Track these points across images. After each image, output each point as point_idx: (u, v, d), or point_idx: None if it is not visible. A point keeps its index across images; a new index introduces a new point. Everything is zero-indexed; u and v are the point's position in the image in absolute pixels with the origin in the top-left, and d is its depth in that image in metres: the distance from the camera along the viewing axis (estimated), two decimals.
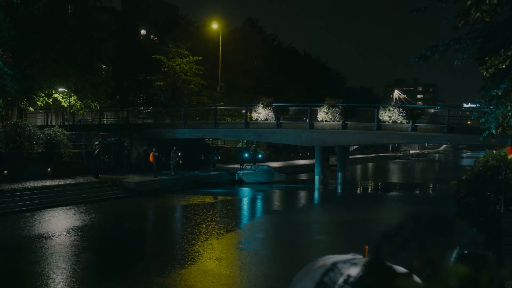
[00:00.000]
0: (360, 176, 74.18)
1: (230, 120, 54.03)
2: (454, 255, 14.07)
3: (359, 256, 4.34)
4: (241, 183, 48.06)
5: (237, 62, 69.08)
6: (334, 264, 4.01)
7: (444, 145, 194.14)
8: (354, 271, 3.77)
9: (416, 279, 2.55)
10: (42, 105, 44.10)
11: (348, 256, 4.32)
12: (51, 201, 31.11)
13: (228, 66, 64.06)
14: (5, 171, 33.60)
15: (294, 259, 18.85)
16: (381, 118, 42.86)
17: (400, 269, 2.96)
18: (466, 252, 14.70)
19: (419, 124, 42.76)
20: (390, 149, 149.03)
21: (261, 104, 46.43)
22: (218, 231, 24.70)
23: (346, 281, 3.57)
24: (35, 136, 36.24)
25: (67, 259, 18.21)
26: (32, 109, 45.98)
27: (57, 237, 22.15)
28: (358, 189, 53.48)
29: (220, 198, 39.88)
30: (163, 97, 56.00)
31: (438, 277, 2.27)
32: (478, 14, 6.79)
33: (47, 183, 34.08)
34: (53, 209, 29.71)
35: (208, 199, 37.90)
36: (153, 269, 17.38)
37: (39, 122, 57.67)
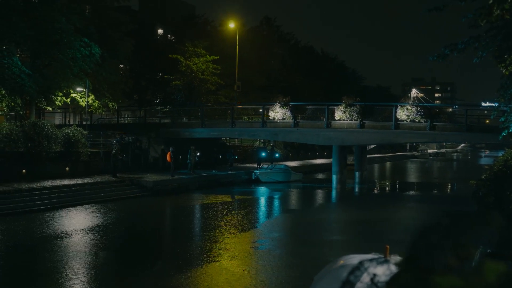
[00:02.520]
0: (378, 175, 73.87)
1: (247, 119, 54.01)
2: (477, 254, 13.94)
3: (380, 256, 4.30)
4: (258, 182, 48.03)
5: (254, 61, 69.09)
6: (361, 263, 3.97)
7: (462, 144, 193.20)
8: (380, 270, 3.73)
9: (453, 276, 2.52)
10: (60, 104, 44.32)
11: (370, 256, 4.27)
12: (69, 200, 31.27)
13: (245, 65, 64.08)
14: (24, 170, 33.81)
15: (311, 259, 18.79)
16: (399, 117, 42.67)
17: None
18: (489, 251, 14.58)
19: (437, 123, 42.50)
20: (407, 148, 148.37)
21: (278, 103, 46.38)
22: (235, 230, 24.69)
23: (372, 280, 3.54)
24: (54, 136, 36.44)
25: (85, 258, 18.27)
26: (50, 109, 46.23)
27: (75, 236, 22.24)
28: (376, 188, 53.24)
29: (237, 197, 39.84)
30: (180, 97, 56.09)
31: (475, 274, 2.24)
32: (498, 11, 6.74)
33: (65, 182, 34.24)
34: (71, 208, 29.86)
35: (225, 198, 37.88)
36: (171, 268, 17.39)
37: (57, 122, 57.98)
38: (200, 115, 51.06)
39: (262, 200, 39.46)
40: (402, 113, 42.55)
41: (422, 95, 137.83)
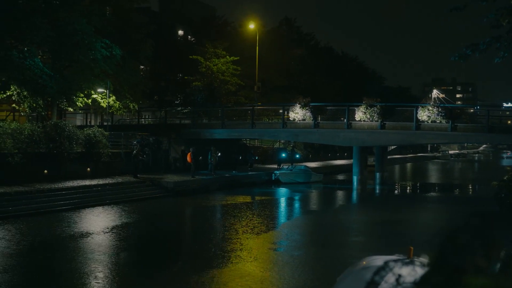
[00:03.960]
0: (399, 176, 73.57)
1: (267, 120, 53.99)
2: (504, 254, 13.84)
3: (405, 257, 4.26)
4: (278, 183, 48.00)
5: (274, 62, 69.03)
6: (386, 263, 3.94)
7: (484, 145, 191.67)
8: (405, 271, 3.71)
9: (484, 276, 2.50)
10: (82, 105, 44.53)
11: (394, 257, 4.25)
12: (90, 200, 31.45)
13: (265, 66, 64.07)
14: (46, 171, 34.03)
15: (332, 260, 18.71)
16: (420, 118, 42.44)
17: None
18: None
19: (458, 124, 42.25)
20: (428, 149, 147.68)
21: (299, 104, 46.30)
22: (255, 231, 24.67)
23: (397, 281, 3.52)
24: (75, 136, 36.64)
25: (106, 258, 18.35)
26: (71, 110, 46.48)
27: (96, 236, 22.36)
28: (397, 189, 53.02)
29: (257, 198, 39.84)
30: (200, 97, 56.17)
31: (504, 274, 2.22)
32: None
33: (87, 182, 34.43)
34: (92, 208, 30.02)
35: (245, 199, 37.89)
36: (191, 268, 17.41)
37: (78, 122, 58.33)
38: (220, 116, 51.11)
39: (282, 201, 39.42)
40: (423, 114, 42.31)
41: (443, 95, 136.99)
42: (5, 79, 38.20)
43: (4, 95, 39.95)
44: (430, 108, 42.46)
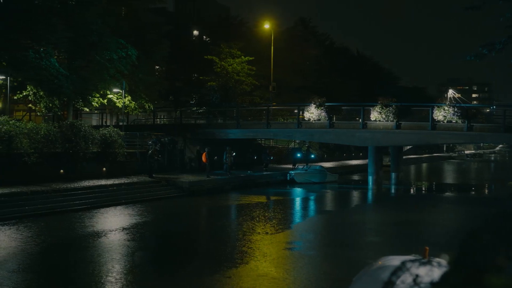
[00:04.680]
0: (414, 176, 73.27)
1: (282, 120, 53.97)
2: None
3: (421, 257, 4.24)
4: (293, 183, 47.96)
5: (289, 62, 68.95)
6: (403, 263, 3.92)
7: (500, 145, 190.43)
8: (423, 271, 3.69)
9: (506, 276, 2.48)
10: (97, 105, 44.71)
11: (411, 257, 4.22)
12: (106, 200, 31.57)
13: (280, 66, 64.01)
14: (62, 171, 34.20)
15: (347, 261, 18.68)
16: (436, 117, 42.21)
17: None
18: None
19: (474, 124, 41.99)
20: (444, 149, 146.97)
21: (314, 104, 46.20)
22: (270, 231, 24.65)
23: (414, 281, 3.50)
24: (91, 136, 36.78)
25: (122, 257, 18.43)
26: (87, 110, 46.69)
27: (112, 236, 22.43)
28: (412, 189, 52.80)
29: (272, 198, 39.85)
30: (215, 98, 56.21)
31: None
32: None
33: (102, 182, 34.56)
34: (108, 208, 30.13)
35: (260, 199, 37.89)
36: (206, 268, 17.44)
37: (94, 122, 58.54)
38: (235, 116, 51.14)
39: (297, 201, 39.38)
40: (439, 114, 42.09)
41: (459, 95, 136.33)
42: (22, 79, 38.46)
43: (21, 95, 40.21)
44: (446, 108, 42.24)
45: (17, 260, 17.65)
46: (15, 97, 41.51)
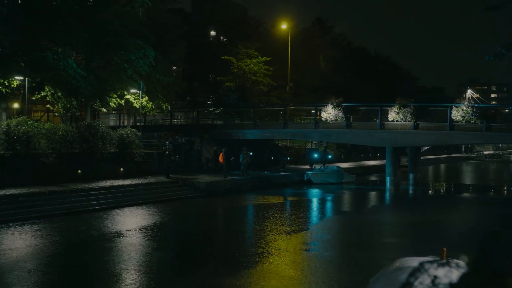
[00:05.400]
0: (432, 177, 72.92)
1: (299, 120, 53.89)
2: None
3: (439, 259, 4.18)
4: (310, 183, 47.86)
5: (306, 62, 68.84)
6: (421, 264, 3.88)
7: None
8: (441, 272, 3.64)
9: None
10: (115, 106, 44.87)
11: (428, 258, 4.17)
12: (123, 200, 31.67)
13: (297, 66, 63.89)
14: (79, 171, 34.36)
15: (364, 262, 18.59)
16: (454, 118, 41.88)
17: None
18: None
19: (493, 124, 41.65)
20: (463, 150, 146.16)
21: (331, 104, 46.03)
22: (287, 232, 24.62)
23: (433, 282, 3.45)
24: (108, 137, 36.91)
25: (139, 257, 18.46)
26: (105, 110, 46.88)
27: (129, 236, 22.49)
28: (430, 190, 52.53)
29: (289, 198, 39.82)
30: (232, 98, 56.24)
31: None
32: None
33: (120, 182, 34.69)
34: (125, 208, 30.23)
35: (277, 199, 37.84)
36: (223, 268, 17.45)
37: (111, 123, 58.76)
38: (252, 116, 51.14)
39: (314, 202, 39.28)
40: (457, 114, 41.76)
41: (478, 95, 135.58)
42: (40, 80, 38.66)
43: (39, 96, 40.44)
44: (464, 108, 41.91)
45: (35, 260, 17.73)
46: (33, 98, 41.74)
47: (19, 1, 36.75)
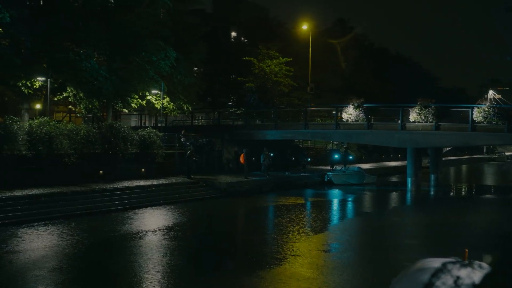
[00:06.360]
0: (454, 178, 72.47)
1: (320, 121, 53.84)
2: None
3: (461, 259, 4.17)
4: (331, 184, 47.81)
5: (327, 63, 68.74)
6: (444, 265, 3.88)
7: None
8: (464, 273, 3.64)
9: None
10: (136, 106, 45.10)
11: (451, 259, 4.17)
12: (145, 200, 31.84)
13: (318, 67, 63.82)
14: (101, 171, 34.56)
15: (385, 263, 18.55)
16: (476, 118, 41.56)
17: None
18: None
19: None
20: (484, 150, 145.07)
21: (352, 104, 45.89)
22: (307, 233, 24.61)
23: (455, 283, 3.46)
24: (130, 137, 37.09)
25: (159, 257, 18.53)
26: (126, 111, 47.13)
27: (150, 236, 22.61)
28: (452, 191, 52.22)
29: (309, 199, 39.79)
30: (253, 99, 56.27)
31: None
32: None
33: (141, 183, 34.85)
34: (146, 208, 30.38)
35: (298, 200, 37.81)
36: (242, 268, 17.48)
37: (133, 124, 59.06)
38: (273, 117, 51.16)
39: (335, 203, 39.21)
40: (479, 115, 41.43)
41: (499, 96, 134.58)
42: (62, 81, 38.94)
43: (61, 97, 40.76)
44: (486, 109, 41.56)
45: (57, 260, 17.89)
46: (55, 99, 42.08)
47: (41, 2, 37.06)
